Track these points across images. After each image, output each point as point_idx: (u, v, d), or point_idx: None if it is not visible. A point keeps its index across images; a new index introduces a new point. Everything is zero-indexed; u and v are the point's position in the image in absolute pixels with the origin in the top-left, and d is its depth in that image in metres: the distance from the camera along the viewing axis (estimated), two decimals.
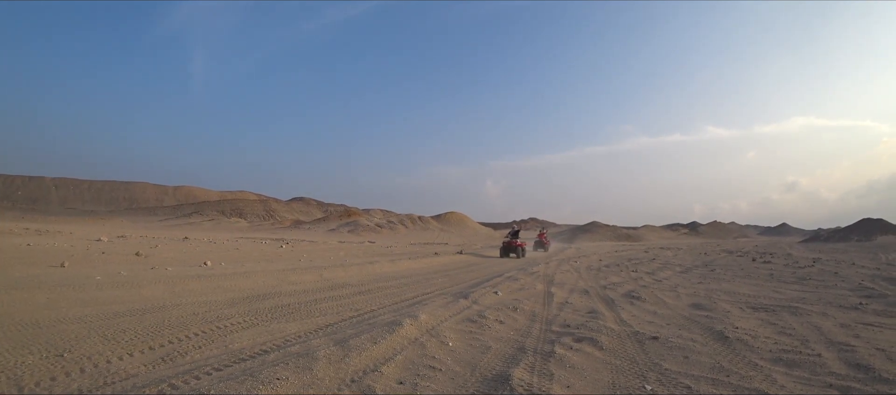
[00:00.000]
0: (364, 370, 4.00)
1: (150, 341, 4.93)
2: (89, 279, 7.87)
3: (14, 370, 3.90)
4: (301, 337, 5.29)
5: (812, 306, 7.40)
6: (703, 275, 13.07)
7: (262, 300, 7.50)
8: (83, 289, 7.00)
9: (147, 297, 7.14)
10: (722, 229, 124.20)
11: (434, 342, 5.03)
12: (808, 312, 6.89)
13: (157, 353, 4.56)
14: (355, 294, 8.68)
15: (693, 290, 9.69)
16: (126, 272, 9.23)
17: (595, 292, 9.32)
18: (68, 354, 4.36)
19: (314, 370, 3.82)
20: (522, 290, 9.37)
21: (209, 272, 9.92)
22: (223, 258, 14.39)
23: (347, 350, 4.36)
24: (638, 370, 4.26)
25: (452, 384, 3.81)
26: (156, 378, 3.78)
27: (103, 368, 4.06)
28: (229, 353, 4.60)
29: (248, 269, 11.01)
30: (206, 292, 7.85)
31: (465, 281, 11.69)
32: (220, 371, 3.96)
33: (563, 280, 11.43)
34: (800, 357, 4.65)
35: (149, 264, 11.68)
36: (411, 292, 9.28)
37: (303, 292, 8.69)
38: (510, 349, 4.92)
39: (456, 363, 4.36)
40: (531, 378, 3.94)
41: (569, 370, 4.22)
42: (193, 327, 5.57)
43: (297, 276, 10.44)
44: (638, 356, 4.71)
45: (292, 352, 4.47)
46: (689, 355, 4.76)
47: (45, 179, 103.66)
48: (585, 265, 16.85)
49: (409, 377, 3.93)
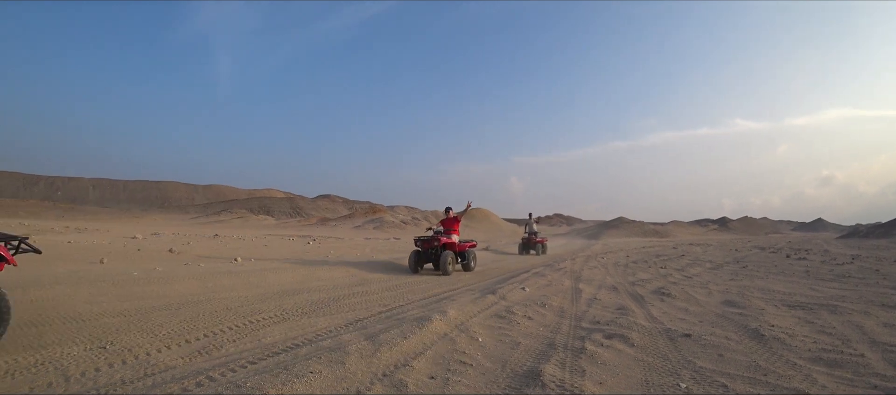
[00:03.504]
0: (395, 364, 4.04)
1: (187, 334, 5.09)
2: (127, 275, 8.13)
3: (60, 361, 4.09)
4: (331, 332, 5.37)
5: (853, 305, 7.14)
6: (734, 272, 12.74)
7: (291, 296, 7.63)
8: (122, 284, 7.24)
9: (181, 292, 7.34)
10: (753, 224, 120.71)
11: (463, 337, 5.04)
12: (849, 310, 6.65)
13: (193, 346, 4.70)
14: (383, 290, 8.75)
15: (725, 287, 9.46)
16: (161, 268, 9.50)
17: (623, 288, 9.18)
18: (110, 346, 4.55)
19: (346, 364, 3.87)
20: (549, 286, 9.30)
21: (239, 268, 10.14)
22: (252, 254, 14.68)
23: (378, 345, 4.40)
24: (671, 368, 4.19)
25: (484, 380, 3.81)
26: (193, 370, 3.90)
27: (143, 360, 4.22)
28: (262, 347, 4.71)
29: (276, 265, 11.21)
30: (237, 288, 8.03)
31: (490, 277, 11.68)
32: (255, 364, 4.05)
33: (591, 277, 11.30)
34: (841, 357, 4.50)
35: (182, 260, 12.01)
36: (437, 288, 9.31)
37: (331, 287, 8.80)
38: (540, 344, 4.90)
39: (486, 359, 4.37)
40: (563, 375, 3.92)
41: (600, 367, 4.17)
42: (227, 321, 5.71)
43: (325, 272, 10.59)
44: (670, 354, 4.63)
45: (324, 346, 4.54)
46: (723, 353, 4.66)
47: (83, 179, 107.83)
48: (613, 261, 16.59)
49: (440, 371, 3.95)
